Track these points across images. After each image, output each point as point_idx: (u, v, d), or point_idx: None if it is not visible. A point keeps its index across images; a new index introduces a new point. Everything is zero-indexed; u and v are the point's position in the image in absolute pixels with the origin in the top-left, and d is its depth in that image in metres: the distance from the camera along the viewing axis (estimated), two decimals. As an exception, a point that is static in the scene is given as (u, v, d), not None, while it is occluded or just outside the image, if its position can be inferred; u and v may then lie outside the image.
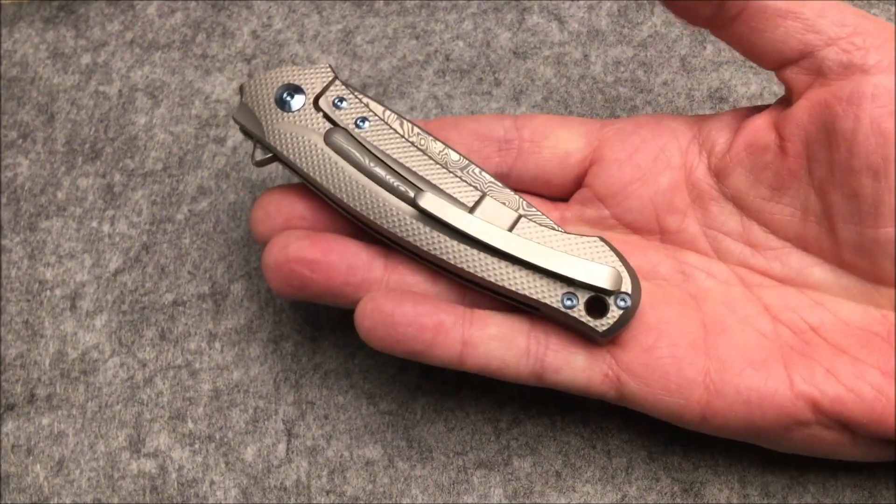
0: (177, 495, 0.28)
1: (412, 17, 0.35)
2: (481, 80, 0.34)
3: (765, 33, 0.24)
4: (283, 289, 0.26)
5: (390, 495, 0.28)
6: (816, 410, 0.24)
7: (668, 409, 0.25)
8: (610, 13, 0.35)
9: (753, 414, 0.24)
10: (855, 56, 0.23)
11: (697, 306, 0.26)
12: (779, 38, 0.24)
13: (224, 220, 0.32)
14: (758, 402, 0.24)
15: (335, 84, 0.27)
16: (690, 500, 0.28)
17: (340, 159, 0.26)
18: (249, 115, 0.26)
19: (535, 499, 0.28)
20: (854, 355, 0.24)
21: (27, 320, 0.31)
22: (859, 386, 0.23)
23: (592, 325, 0.24)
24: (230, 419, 0.29)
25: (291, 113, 0.26)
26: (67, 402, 0.30)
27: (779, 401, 0.24)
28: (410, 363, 0.30)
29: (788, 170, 0.25)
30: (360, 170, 0.26)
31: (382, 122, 0.26)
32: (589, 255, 0.25)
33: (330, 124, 0.26)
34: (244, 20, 0.35)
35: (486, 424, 0.29)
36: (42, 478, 0.29)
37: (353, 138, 0.26)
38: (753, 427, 0.25)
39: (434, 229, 0.25)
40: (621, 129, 0.28)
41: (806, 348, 0.25)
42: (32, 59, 0.35)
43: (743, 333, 0.25)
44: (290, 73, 0.27)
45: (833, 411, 0.24)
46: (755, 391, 0.24)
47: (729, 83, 0.33)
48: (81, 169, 0.33)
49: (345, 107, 0.26)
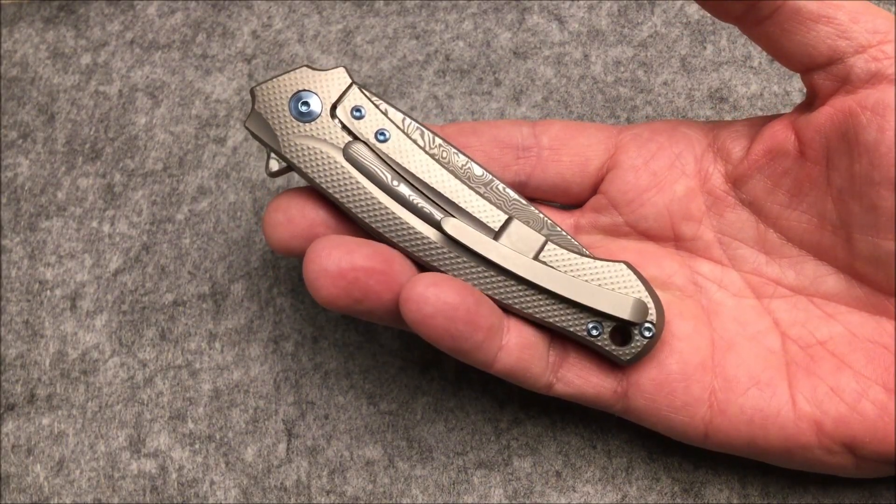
0: (177, 495, 0.28)
1: (412, 17, 0.35)
2: (481, 80, 0.34)
3: (795, 35, 0.24)
4: (339, 299, 0.24)
5: (390, 495, 0.28)
6: (819, 432, 0.24)
7: (671, 426, 0.25)
8: (610, 13, 0.35)
9: (756, 434, 0.24)
10: (883, 65, 0.23)
11: (708, 321, 0.26)
12: (809, 42, 0.24)
13: (224, 220, 0.32)
14: (761, 423, 0.24)
15: (352, 90, 0.25)
16: (690, 500, 0.28)
17: (362, 177, 0.25)
18: (262, 123, 0.25)
19: (535, 499, 0.28)
20: (859, 370, 0.24)
21: (27, 320, 0.31)
22: (862, 404, 0.23)
23: (617, 353, 0.24)
24: (230, 419, 0.29)
25: (307, 123, 0.25)
26: (67, 402, 0.30)
27: (781, 422, 0.24)
28: (410, 363, 0.30)
29: (808, 176, 0.25)
30: (382, 188, 0.25)
31: (404, 135, 0.25)
32: (614, 281, 0.25)
33: (349, 136, 0.25)
34: (244, 20, 0.35)
35: (486, 424, 0.29)
36: (42, 478, 0.29)
37: (374, 153, 0.25)
38: (755, 447, 0.25)
39: (460, 254, 0.24)
40: (637, 135, 0.27)
41: (812, 364, 0.25)
42: (32, 59, 0.35)
43: (751, 351, 0.25)
44: (304, 78, 0.25)
45: (836, 432, 0.24)
46: (758, 411, 0.24)
47: (729, 83, 0.33)
48: (81, 169, 0.33)
49: (364, 117, 0.25)
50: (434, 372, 0.30)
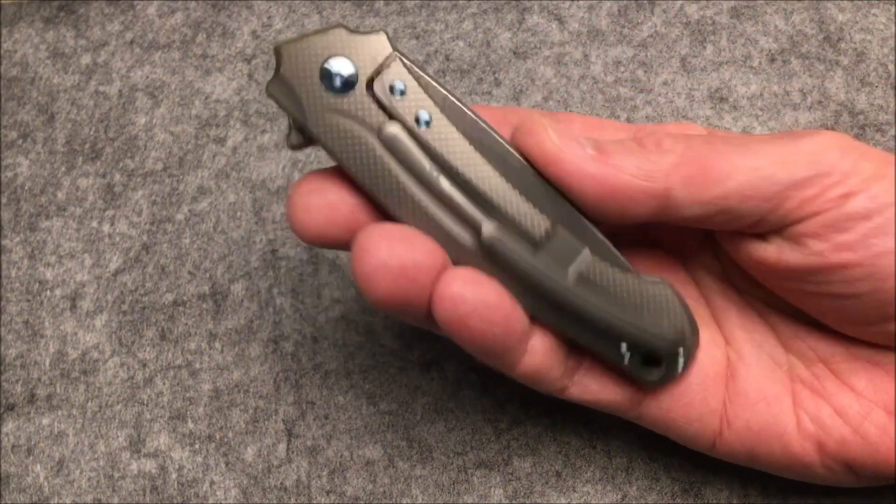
0: (177, 495, 0.28)
1: (412, 17, 0.35)
2: (481, 80, 0.34)
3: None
4: (395, 298, 0.21)
5: (390, 495, 0.28)
6: (822, 452, 0.24)
7: (682, 434, 0.25)
8: (610, 13, 0.35)
9: (760, 450, 0.24)
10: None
11: (718, 330, 0.26)
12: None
13: (224, 220, 0.32)
14: (766, 440, 0.24)
15: (393, 62, 0.22)
16: (690, 500, 0.28)
17: (398, 166, 0.22)
18: (287, 89, 0.22)
19: (535, 499, 0.28)
20: (860, 392, 0.24)
21: (27, 320, 0.31)
22: (865, 427, 0.23)
23: (647, 378, 0.24)
24: (230, 419, 0.29)
25: (340, 97, 0.22)
26: (67, 402, 0.30)
27: (787, 440, 0.24)
28: (410, 363, 0.30)
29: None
30: (420, 181, 0.22)
31: (447, 121, 0.22)
32: (655, 302, 0.23)
33: (386, 115, 0.22)
34: (244, 20, 0.35)
35: (486, 424, 0.29)
36: (42, 478, 0.29)
37: (414, 138, 0.22)
38: (757, 461, 0.25)
39: (496, 262, 0.22)
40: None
41: (815, 383, 0.24)
42: (32, 59, 0.35)
43: (759, 364, 0.25)
44: (339, 40, 0.22)
45: (838, 453, 0.24)
46: (765, 428, 0.24)
47: (729, 83, 0.33)
48: (81, 169, 0.33)
49: (405, 94, 0.22)
50: (434, 372, 0.30)
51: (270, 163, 0.33)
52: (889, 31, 0.33)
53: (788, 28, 0.34)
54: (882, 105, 0.32)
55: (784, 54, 0.33)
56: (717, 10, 0.34)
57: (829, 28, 0.34)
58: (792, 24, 0.34)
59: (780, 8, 0.34)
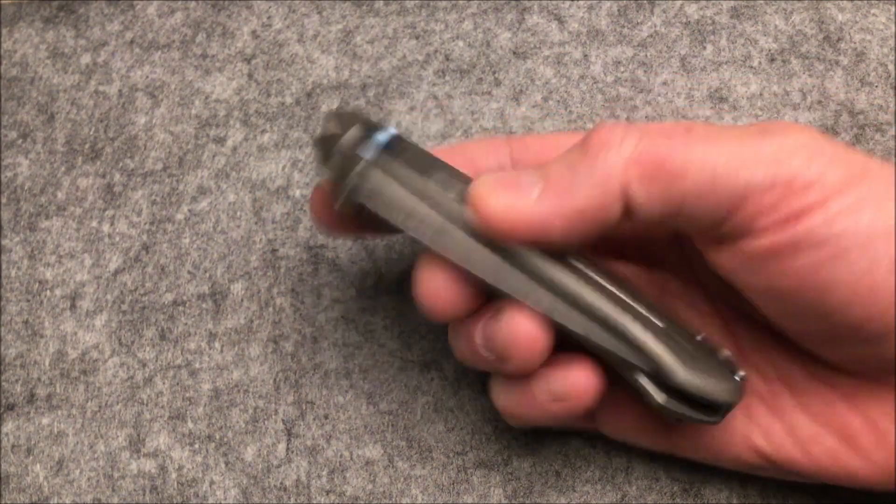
0: (177, 495, 0.28)
1: (412, 17, 0.35)
2: (481, 80, 0.34)
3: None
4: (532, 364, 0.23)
5: (390, 495, 0.28)
6: (773, 466, 0.24)
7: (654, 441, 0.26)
8: (610, 13, 0.35)
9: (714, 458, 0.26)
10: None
11: None
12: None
13: (224, 220, 0.32)
14: (717, 449, 0.25)
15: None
16: (690, 500, 0.28)
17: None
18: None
19: (535, 499, 0.28)
20: (815, 413, 0.24)
21: (27, 320, 0.31)
22: (815, 451, 0.23)
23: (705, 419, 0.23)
24: (230, 419, 0.29)
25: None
26: (67, 402, 0.30)
27: (735, 451, 0.25)
28: (410, 363, 0.30)
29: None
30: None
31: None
32: (714, 371, 0.23)
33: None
34: (244, 20, 0.35)
35: (486, 424, 0.29)
36: (42, 478, 0.29)
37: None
38: (716, 465, 0.26)
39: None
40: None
41: (772, 400, 0.24)
42: (32, 59, 0.35)
43: None
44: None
45: (790, 469, 0.24)
46: (717, 437, 0.25)
47: (729, 83, 0.33)
48: (81, 169, 0.33)
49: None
50: (434, 372, 0.30)
51: (270, 163, 0.33)
52: (889, 31, 0.33)
53: (788, 28, 0.34)
54: (882, 105, 0.32)
55: (784, 54, 0.33)
56: (716, 10, 0.34)
57: (829, 28, 0.34)
58: (792, 24, 0.34)
59: (780, 8, 0.34)
